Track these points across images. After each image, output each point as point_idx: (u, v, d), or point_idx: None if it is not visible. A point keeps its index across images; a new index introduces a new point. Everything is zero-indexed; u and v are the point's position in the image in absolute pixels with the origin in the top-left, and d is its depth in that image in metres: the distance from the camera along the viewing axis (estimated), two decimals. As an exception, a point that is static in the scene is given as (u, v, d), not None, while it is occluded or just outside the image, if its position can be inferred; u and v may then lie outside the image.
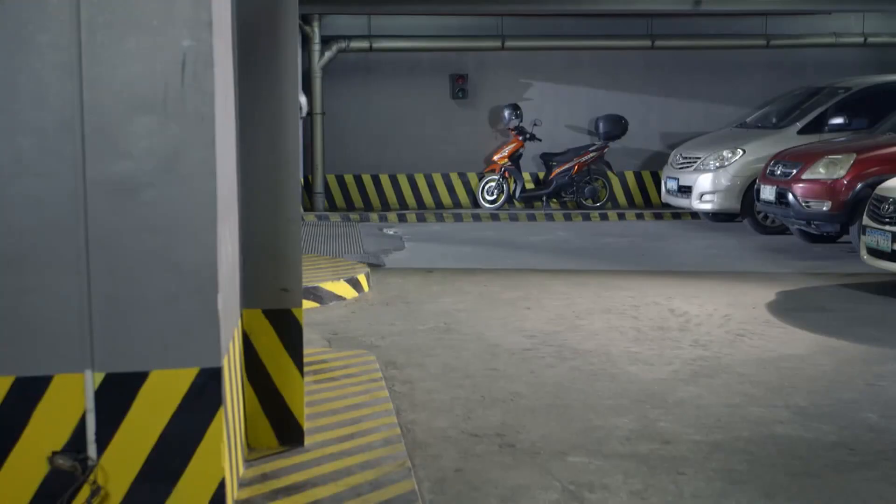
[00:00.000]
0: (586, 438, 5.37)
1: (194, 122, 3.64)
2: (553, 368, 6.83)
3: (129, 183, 3.62)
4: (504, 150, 17.25)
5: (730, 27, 17.77)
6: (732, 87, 18.07)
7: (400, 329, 8.09)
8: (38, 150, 3.56)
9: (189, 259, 3.66)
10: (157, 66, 3.60)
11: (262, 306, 5.04)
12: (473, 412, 5.84)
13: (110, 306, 3.64)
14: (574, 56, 17.87)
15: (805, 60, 18.04)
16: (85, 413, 3.64)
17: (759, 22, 17.77)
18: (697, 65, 18.08)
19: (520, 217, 16.73)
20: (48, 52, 3.52)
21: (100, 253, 3.62)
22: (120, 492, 3.67)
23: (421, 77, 17.72)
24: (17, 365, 3.59)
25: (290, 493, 4.47)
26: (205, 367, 3.68)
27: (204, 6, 3.62)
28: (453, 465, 4.96)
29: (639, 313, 8.65)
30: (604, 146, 17.16)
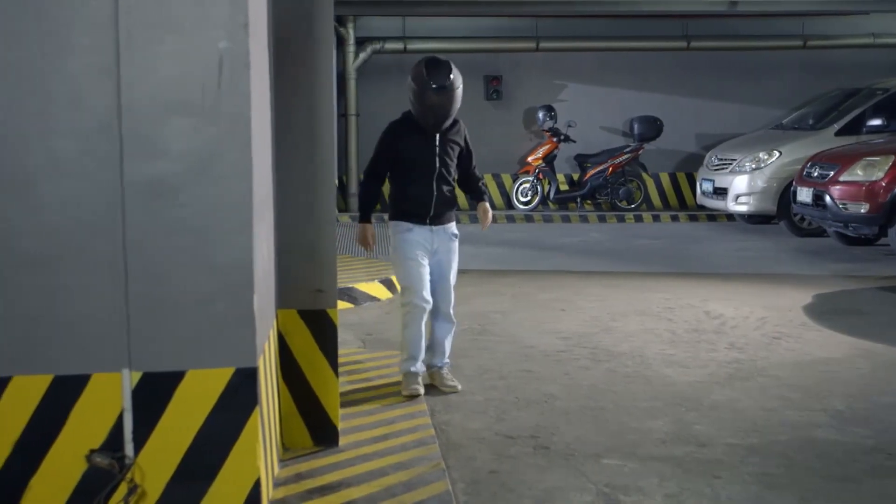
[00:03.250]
0: (621, 441, 5.34)
1: (230, 123, 3.66)
2: (587, 370, 6.81)
3: (165, 184, 3.64)
4: (538, 152, 17.22)
5: (766, 28, 17.64)
6: (768, 89, 17.93)
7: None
8: (75, 152, 3.59)
9: (225, 260, 3.68)
10: (193, 68, 3.63)
11: (298, 307, 5.05)
12: (507, 413, 5.83)
13: (147, 306, 3.67)
14: (609, 57, 17.81)
15: (842, 61, 17.87)
16: (122, 412, 3.67)
17: (796, 23, 17.62)
18: (733, 66, 17.96)
19: (554, 218, 16.69)
20: (86, 54, 3.55)
21: (137, 253, 3.65)
22: (156, 490, 3.70)
23: (455, 78, 17.70)
24: (55, 364, 3.62)
25: (324, 493, 4.49)
26: (240, 367, 3.70)
27: (240, 8, 3.64)
28: (487, 467, 4.96)
29: (674, 315, 8.61)
30: (638, 147, 17.09)
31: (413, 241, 6.01)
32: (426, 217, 6.03)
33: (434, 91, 5.85)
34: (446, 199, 6.11)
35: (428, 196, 6.00)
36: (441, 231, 6.11)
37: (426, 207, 6.01)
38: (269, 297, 4.55)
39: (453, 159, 6.12)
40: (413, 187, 6.00)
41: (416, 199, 6.00)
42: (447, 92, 5.88)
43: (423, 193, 6.00)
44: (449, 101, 5.91)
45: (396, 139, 6.04)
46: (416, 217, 6.03)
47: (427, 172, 6.00)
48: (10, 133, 3.54)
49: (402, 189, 6.06)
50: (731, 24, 17.54)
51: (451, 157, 6.10)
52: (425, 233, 6.05)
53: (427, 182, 6.00)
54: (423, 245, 6.04)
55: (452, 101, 5.93)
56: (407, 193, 6.03)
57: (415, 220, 6.03)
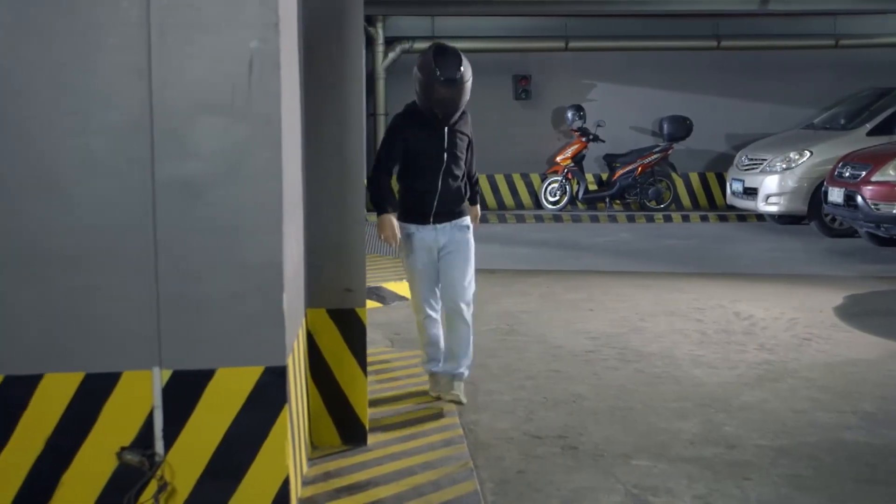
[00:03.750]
0: (650, 442, 5.33)
1: (261, 123, 3.68)
2: (616, 371, 6.79)
3: (196, 183, 3.66)
4: (567, 152, 17.18)
5: (797, 27, 17.51)
6: (799, 88, 17.81)
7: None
8: (107, 151, 3.61)
9: (254, 259, 3.69)
10: (224, 68, 3.64)
11: (327, 306, 5.07)
12: (536, 413, 5.83)
13: (177, 305, 3.69)
14: (638, 57, 17.74)
15: (874, 60, 17.72)
16: (152, 409, 3.69)
17: (828, 22, 17.50)
18: (764, 65, 17.85)
19: (582, 218, 16.65)
20: (119, 54, 3.57)
21: (167, 252, 3.67)
22: (186, 488, 3.72)
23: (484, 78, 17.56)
24: (87, 361, 3.65)
25: (352, 492, 4.50)
26: (270, 365, 3.71)
27: (271, 8, 3.65)
28: (515, 467, 4.95)
29: (703, 316, 8.57)
30: (668, 147, 17.02)
31: (416, 247, 5.72)
32: (429, 215, 5.70)
33: (443, 84, 5.47)
34: (453, 194, 5.75)
35: (432, 191, 5.67)
36: (447, 228, 5.73)
37: (429, 205, 5.68)
38: (298, 297, 4.56)
39: (462, 152, 5.78)
40: (419, 182, 5.70)
41: (421, 194, 5.69)
42: (457, 85, 5.49)
43: (428, 189, 5.67)
44: (459, 95, 5.53)
45: (403, 132, 5.69)
46: (419, 216, 5.72)
47: (434, 166, 5.67)
48: (44, 132, 3.56)
49: (408, 184, 5.77)
50: (762, 23, 17.44)
51: (460, 149, 5.75)
52: (429, 233, 5.72)
53: (433, 177, 5.67)
54: (428, 247, 5.73)
55: (462, 94, 5.55)
56: (412, 189, 5.73)
57: (418, 220, 5.72)
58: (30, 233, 3.59)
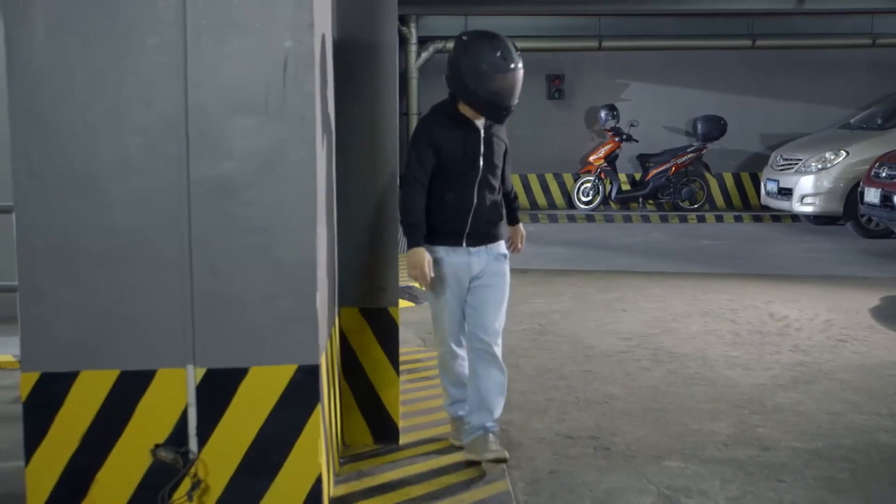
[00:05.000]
0: (682, 443, 5.30)
1: (295, 122, 3.69)
2: (649, 371, 6.76)
3: (230, 182, 3.67)
4: (600, 151, 17.13)
5: (834, 26, 17.36)
6: (835, 88, 17.67)
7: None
8: (143, 150, 3.63)
9: (288, 258, 3.71)
10: (259, 68, 3.66)
11: (360, 305, 5.09)
12: (568, 414, 5.81)
13: (211, 303, 3.70)
14: (672, 56, 17.67)
15: (912, 60, 17.58)
16: (186, 407, 3.71)
17: (865, 21, 17.34)
18: (799, 64, 17.72)
19: (615, 218, 16.59)
20: (155, 54, 3.60)
21: (202, 251, 3.68)
22: (220, 485, 3.74)
23: (517, 77, 17.68)
24: (122, 359, 3.67)
25: (384, 491, 4.51)
26: (303, 364, 3.73)
27: (305, 8, 3.66)
28: (547, 467, 4.94)
29: (737, 317, 8.52)
30: (702, 147, 16.93)
31: (446, 273, 4.82)
32: (462, 235, 4.80)
33: (505, 71, 4.65)
34: (490, 210, 4.86)
35: (467, 205, 4.78)
36: (483, 252, 4.84)
37: (463, 221, 4.78)
38: (331, 295, 4.58)
39: (500, 159, 4.91)
40: (450, 195, 4.77)
41: (453, 209, 4.78)
42: (518, 72, 4.71)
43: (462, 202, 4.78)
44: (518, 83, 4.73)
45: (434, 137, 4.74)
46: (451, 236, 4.80)
47: (469, 176, 4.78)
48: (82, 131, 3.59)
49: (437, 197, 4.78)
50: (797, 22, 17.30)
51: (497, 156, 4.89)
52: (461, 257, 4.81)
53: (467, 188, 4.78)
54: (459, 275, 4.83)
55: (520, 82, 4.75)
56: (441, 203, 4.77)
57: (449, 242, 4.80)
58: (67, 231, 3.62)
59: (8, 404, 5.80)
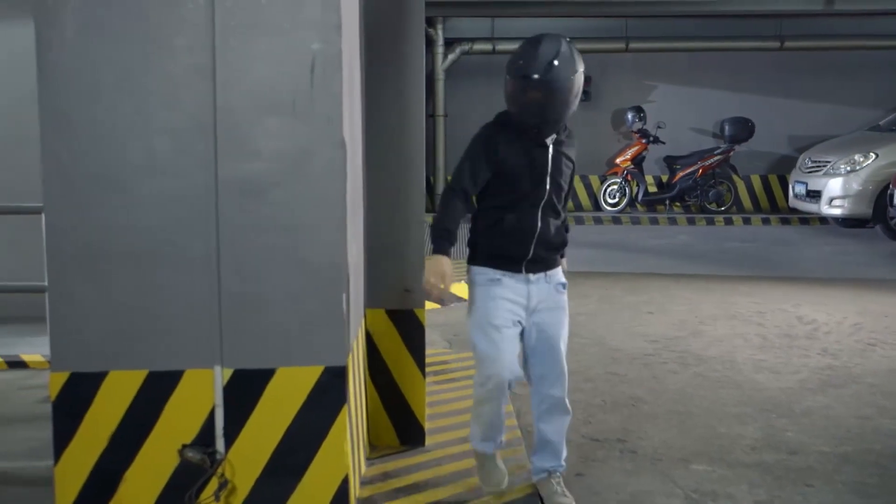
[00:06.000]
0: (709, 446, 5.27)
1: (322, 123, 3.69)
2: (676, 374, 6.73)
3: (258, 183, 3.68)
4: (627, 153, 17.08)
5: (863, 27, 17.24)
6: (865, 89, 17.54)
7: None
8: (172, 151, 3.65)
9: (315, 259, 3.71)
10: (286, 69, 3.66)
11: (386, 306, 5.08)
12: (594, 416, 5.79)
13: (239, 304, 3.71)
14: (699, 58, 17.59)
15: (943, 61, 17.43)
16: (214, 408, 3.72)
17: (894, 22, 17.20)
18: (828, 66, 17.60)
19: (642, 220, 16.53)
20: (183, 55, 3.61)
21: (229, 251, 3.69)
22: (246, 486, 3.75)
23: (543, 79, 17.65)
24: (150, 359, 3.69)
25: (410, 493, 4.50)
26: (330, 365, 3.73)
27: (333, 9, 3.67)
28: (574, 469, 4.92)
29: (764, 320, 8.47)
30: (729, 149, 16.85)
31: (501, 297, 4.27)
32: (522, 262, 4.28)
33: (523, 81, 4.13)
34: (553, 236, 4.33)
35: (530, 230, 4.26)
36: (542, 281, 4.33)
37: (525, 247, 4.27)
38: (358, 297, 4.58)
39: (566, 181, 4.36)
40: (511, 217, 4.26)
41: (514, 233, 4.26)
42: (541, 85, 4.07)
43: (524, 226, 4.26)
44: (548, 98, 4.10)
45: (496, 146, 4.23)
46: (509, 262, 4.29)
47: (533, 197, 4.25)
48: (110, 132, 3.61)
49: (495, 219, 4.30)
50: (826, 22, 17.18)
51: (565, 177, 4.34)
52: (519, 285, 4.29)
53: (531, 211, 4.26)
54: (516, 303, 4.29)
55: (552, 97, 4.10)
56: (502, 225, 4.27)
57: (506, 267, 4.29)
58: (96, 231, 3.64)
59: (37, 404, 5.84)
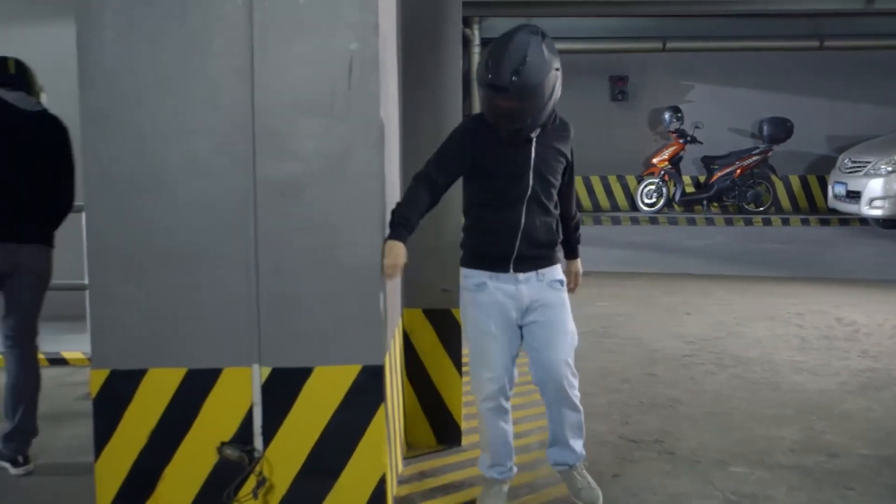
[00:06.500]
0: (748, 448, 5.24)
1: (359, 123, 3.70)
2: (713, 375, 6.69)
3: (296, 183, 3.70)
4: (664, 153, 17.01)
5: (904, 26, 17.08)
6: (906, 89, 17.37)
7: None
8: (210, 151, 3.67)
9: (353, 259, 3.72)
10: (324, 70, 3.67)
11: (423, 306, 5.09)
12: (631, 417, 5.77)
13: (277, 303, 3.73)
14: (737, 57, 17.48)
15: None
16: (252, 406, 3.74)
17: (936, 20, 17.03)
18: (868, 65, 17.43)
19: (679, 221, 16.45)
20: (223, 56, 3.63)
21: (267, 251, 3.71)
22: (284, 484, 3.76)
23: (580, 79, 17.61)
24: (189, 357, 3.71)
25: (447, 492, 4.51)
26: (367, 364, 3.74)
27: (370, 10, 3.67)
28: (611, 470, 4.91)
29: (803, 321, 8.40)
30: (768, 149, 16.73)
31: (486, 303, 4.13)
32: (508, 260, 4.12)
33: (493, 90, 3.89)
34: (542, 232, 4.16)
35: (514, 227, 4.09)
36: (533, 280, 4.16)
37: (509, 244, 4.10)
38: (395, 296, 4.59)
39: (555, 175, 4.16)
40: (494, 214, 4.11)
41: (498, 231, 4.11)
42: (511, 93, 3.85)
43: (507, 223, 4.10)
44: (518, 105, 3.89)
45: (471, 141, 4.07)
46: (495, 261, 4.13)
47: (516, 192, 4.08)
48: (150, 132, 3.64)
49: (478, 217, 4.17)
50: (866, 22, 17.01)
51: (553, 171, 4.15)
52: (508, 285, 4.13)
53: (514, 207, 4.09)
54: (505, 306, 4.14)
55: (524, 104, 3.88)
56: (484, 223, 4.14)
57: (493, 267, 4.13)
58: (135, 231, 3.67)
59: (78, 400, 5.90)
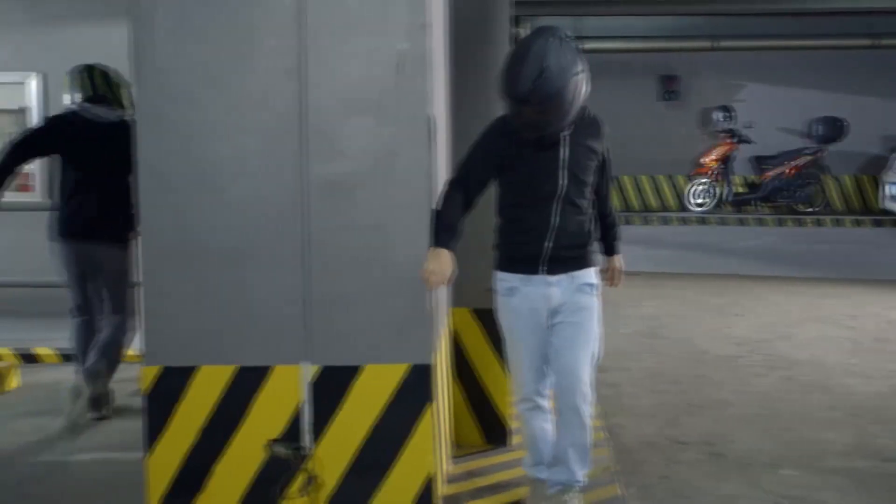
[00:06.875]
0: (798, 451, 5.19)
1: (408, 123, 3.71)
2: (763, 378, 6.63)
3: (345, 182, 3.71)
4: (714, 153, 16.90)
5: (960, 24, 16.81)
6: (962, 88, 17.11)
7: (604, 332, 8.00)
8: (261, 151, 3.69)
9: (402, 257, 3.73)
10: (374, 69, 3.69)
11: (471, 305, 5.09)
12: (679, 419, 5.74)
13: (326, 301, 3.75)
14: (788, 56, 17.31)
15: None
16: (301, 403, 3.76)
17: None
18: (923, 64, 17.19)
19: (729, 221, 16.32)
20: (274, 55, 3.66)
21: (317, 249, 3.73)
22: (332, 482, 3.78)
23: (630, 78, 17.54)
24: (239, 355, 3.74)
25: (494, 492, 4.51)
26: (416, 363, 3.74)
27: (420, 10, 3.68)
28: (659, 472, 4.89)
29: (856, 324, 8.30)
30: (820, 149, 16.56)
31: (518, 308, 4.08)
32: (538, 261, 4.02)
33: (513, 101, 3.84)
34: (574, 232, 4.04)
35: (545, 227, 3.99)
36: (564, 282, 4.04)
37: (539, 245, 4.01)
38: (443, 295, 4.59)
39: (587, 173, 4.04)
40: (525, 213, 4.03)
41: (529, 231, 4.02)
42: (532, 103, 3.78)
43: (538, 223, 4.00)
44: (541, 113, 3.81)
45: (499, 142, 4.01)
46: (526, 263, 4.05)
47: (546, 191, 3.98)
48: (202, 131, 3.67)
49: (510, 217, 4.10)
50: (921, 20, 16.79)
51: (585, 169, 4.02)
52: (539, 288, 4.04)
53: (546, 206, 3.99)
54: (536, 310, 4.06)
55: (547, 111, 3.81)
56: (515, 224, 4.08)
57: (523, 269, 4.06)
58: (188, 229, 3.70)
59: (130, 396, 5.97)
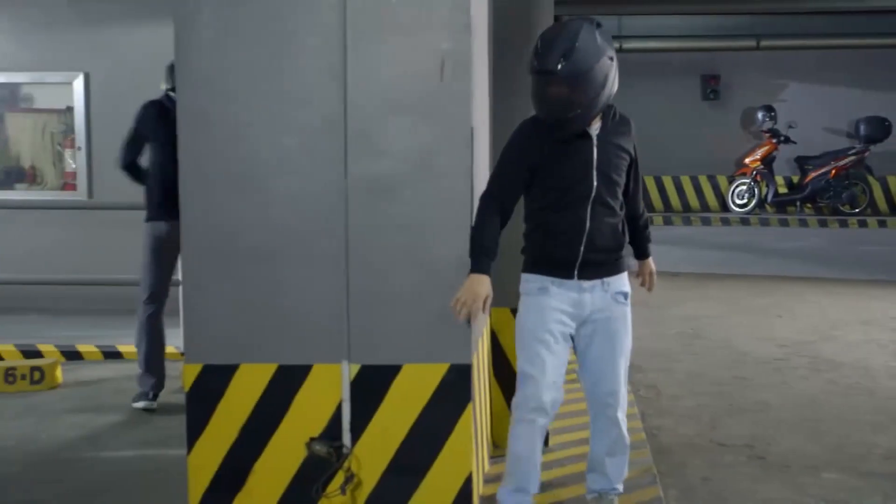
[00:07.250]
0: (841, 455, 5.13)
1: (450, 123, 3.71)
2: (805, 380, 6.57)
3: (386, 181, 3.72)
4: (756, 153, 16.76)
5: None
6: None
7: (644, 333, 7.96)
8: (302, 150, 3.71)
9: (442, 257, 3.73)
10: (415, 68, 3.69)
11: (510, 305, 5.07)
12: (720, 421, 5.69)
13: (366, 300, 3.76)
14: (832, 55, 17.13)
15: None
16: (341, 402, 3.77)
17: None
18: (971, 63, 16.96)
19: (771, 222, 16.19)
20: (316, 55, 3.67)
21: (357, 249, 3.74)
22: (371, 480, 3.79)
23: (671, 78, 17.45)
24: (279, 353, 3.76)
25: (533, 492, 4.49)
26: (455, 363, 3.74)
27: (462, 9, 3.68)
28: (700, 474, 4.85)
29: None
30: (864, 150, 16.38)
31: (547, 307, 3.87)
32: (572, 266, 3.84)
33: (538, 75, 3.72)
34: (608, 235, 3.87)
35: (578, 230, 3.81)
36: (598, 289, 3.88)
37: (573, 249, 3.82)
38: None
39: (619, 173, 3.89)
40: (557, 216, 3.85)
41: (562, 235, 3.84)
42: (557, 79, 3.66)
43: (571, 226, 3.83)
44: (566, 93, 3.67)
45: (529, 147, 3.84)
46: (559, 267, 3.87)
47: (579, 192, 3.81)
48: (243, 130, 3.69)
49: (540, 221, 3.91)
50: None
51: (616, 169, 3.88)
52: (571, 293, 3.86)
53: (579, 209, 3.82)
54: (565, 313, 3.87)
55: (572, 91, 3.67)
56: (548, 227, 3.88)
57: (556, 273, 3.87)
58: (229, 228, 3.72)
59: (171, 394, 6.02)
